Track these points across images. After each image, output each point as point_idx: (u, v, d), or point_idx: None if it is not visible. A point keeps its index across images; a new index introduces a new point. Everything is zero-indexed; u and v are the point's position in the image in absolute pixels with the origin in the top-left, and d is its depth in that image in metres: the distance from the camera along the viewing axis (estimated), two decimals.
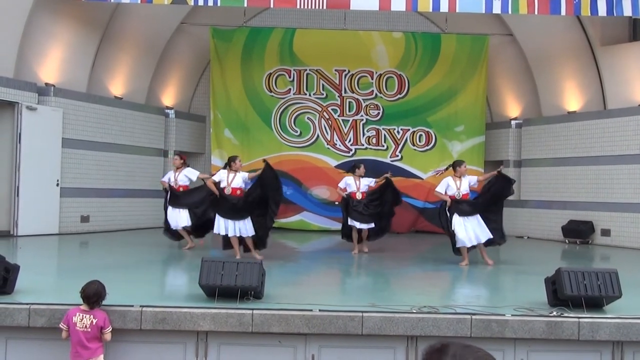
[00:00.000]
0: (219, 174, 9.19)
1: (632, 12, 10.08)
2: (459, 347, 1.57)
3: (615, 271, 5.64)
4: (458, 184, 9.01)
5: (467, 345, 1.58)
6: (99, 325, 5.05)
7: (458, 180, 9.06)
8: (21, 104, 11.37)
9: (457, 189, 8.98)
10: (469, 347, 1.57)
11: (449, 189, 9.05)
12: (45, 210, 11.74)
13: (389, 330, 5.27)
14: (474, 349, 1.56)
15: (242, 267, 5.57)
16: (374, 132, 14.82)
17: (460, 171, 9.09)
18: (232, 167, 9.02)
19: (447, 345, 1.58)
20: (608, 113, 12.79)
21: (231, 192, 8.90)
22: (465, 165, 9.24)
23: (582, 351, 5.39)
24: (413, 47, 14.75)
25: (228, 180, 8.95)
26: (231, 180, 8.93)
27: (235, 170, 9.01)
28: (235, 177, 8.97)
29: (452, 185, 9.04)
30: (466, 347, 1.57)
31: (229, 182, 8.93)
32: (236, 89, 14.78)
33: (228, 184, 8.92)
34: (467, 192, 9.09)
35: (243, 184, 9.01)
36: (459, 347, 1.57)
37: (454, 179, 9.09)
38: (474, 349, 1.57)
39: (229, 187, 8.91)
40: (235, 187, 8.93)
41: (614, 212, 12.44)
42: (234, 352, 5.38)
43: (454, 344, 1.58)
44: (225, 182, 8.96)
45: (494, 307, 5.67)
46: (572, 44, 13.48)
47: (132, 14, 13.41)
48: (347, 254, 10.25)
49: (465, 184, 9.05)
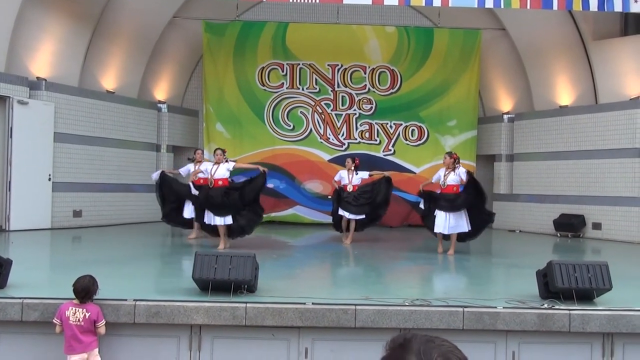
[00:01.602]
0: (203, 165, 9.31)
1: (622, 7, 10.13)
2: (423, 342, 1.48)
3: (605, 264, 5.70)
4: (446, 173, 9.35)
5: (431, 339, 1.50)
6: (92, 319, 5.05)
7: (448, 170, 9.36)
8: (12, 98, 11.30)
9: (444, 179, 9.33)
10: (432, 340, 1.49)
11: (435, 178, 9.54)
12: (37, 204, 11.70)
13: (381, 323, 5.30)
14: (437, 342, 1.49)
15: (235, 260, 5.58)
16: (366, 126, 14.84)
17: (445, 162, 9.45)
18: (213, 159, 9.27)
19: (409, 339, 1.50)
20: (600, 107, 12.86)
21: (214, 183, 9.02)
22: (449, 157, 9.44)
23: (573, 343, 5.44)
24: (406, 42, 14.76)
25: (212, 171, 9.01)
26: (214, 172, 9.00)
27: (217, 162, 9.19)
28: (220, 168, 9.04)
29: (440, 174, 9.44)
30: (430, 341, 1.49)
31: (212, 174, 8.97)
32: (229, 82, 14.75)
33: (211, 175, 8.96)
34: (454, 184, 9.27)
35: (227, 173, 9.15)
36: (422, 342, 1.48)
37: (447, 169, 9.43)
38: (438, 342, 1.49)
39: (212, 178, 8.97)
40: (218, 178, 9.07)
41: (605, 206, 12.53)
42: (227, 345, 5.39)
43: (417, 338, 1.50)
44: (208, 173, 9.03)
45: (485, 300, 5.71)
46: (564, 38, 13.53)
47: (124, 8, 13.34)
48: (340, 248, 10.28)
49: (453, 176, 9.29)
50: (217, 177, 9.05)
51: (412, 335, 1.52)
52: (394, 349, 1.50)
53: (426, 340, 1.49)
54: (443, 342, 1.49)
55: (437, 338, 1.51)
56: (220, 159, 9.36)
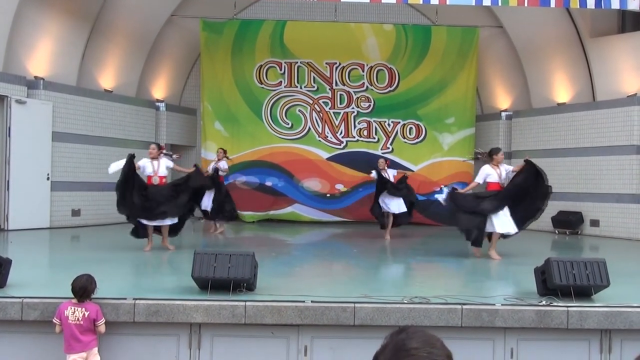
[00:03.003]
0: (142, 161, 8.97)
1: (619, 4, 10.15)
2: (393, 352, 1.42)
3: (603, 261, 5.72)
4: (498, 172, 8.70)
5: (401, 349, 1.42)
6: (91, 317, 5.07)
7: (497, 168, 8.73)
8: (10, 97, 11.30)
9: (499, 177, 8.68)
10: (401, 350, 1.42)
11: (490, 177, 8.75)
12: (36, 204, 11.70)
13: (380, 321, 5.32)
14: (406, 353, 1.42)
15: (234, 259, 5.60)
16: (365, 124, 14.85)
17: (497, 159, 8.73)
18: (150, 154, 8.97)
19: (382, 348, 1.45)
20: (597, 104, 12.88)
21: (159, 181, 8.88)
22: (502, 153, 8.85)
23: (571, 339, 5.46)
24: (403, 40, 14.77)
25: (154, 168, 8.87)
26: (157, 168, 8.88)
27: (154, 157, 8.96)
28: (160, 164, 8.91)
29: (493, 173, 8.72)
30: (400, 350, 1.42)
31: (155, 171, 8.86)
32: (227, 81, 14.75)
33: (155, 172, 8.85)
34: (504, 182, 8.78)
35: (167, 171, 9.04)
36: (392, 352, 1.42)
37: (493, 167, 8.75)
38: (413, 351, 1.41)
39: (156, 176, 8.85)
40: (162, 175, 8.96)
41: (603, 203, 12.56)
42: (227, 343, 5.41)
43: (388, 347, 1.44)
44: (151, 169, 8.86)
45: (484, 297, 5.73)
46: (562, 36, 13.55)
47: (121, 6, 13.34)
48: (338, 246, 10.30)
49: (503, 172, 8.74)
50: (162, 175, 8.90)
51: (386, 343, 1.47)
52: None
53: (397, 350, 1.43)
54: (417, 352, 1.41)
55: (409, 348, 1.43)
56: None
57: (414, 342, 1.44)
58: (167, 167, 9.08)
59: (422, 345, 1.43)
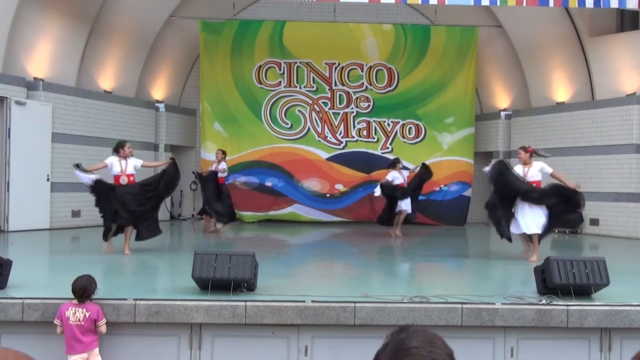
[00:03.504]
0: (109, 159, 8.75)
1: (618, 3, 10.16)
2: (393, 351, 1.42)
3: (603, 260, 5.73)
4: (525, 171, 8.61)
5: (401, 348, 1.42)
6: (92, 318, 5.07)
7: (525, 167, 8.64)
8: (10, 98, 11.30)
9: (524, 176, 8.59)
10: (401, 349, 1.42)
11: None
12: (36, 205, 11.70)
13: (380, 320, 5.33)
14: (406, 352, 1.41)
15: (235, 259, 5.60)
16: (364, 124, 14.86)
17: (521, 158, 8.68)
18: (122, 153, 8.69)
19: (382, 349, 1.44)
20: (596, 103, 12.90)
21: (127, 180, 8.61)
22: (524, 152, 8.70)
23: (571, 338, 5.47)
24: (403, 39, 14.78)
25: (122, 167, 8.63)
26: (125, 167, 8.64)
27: (124, 156, 8.71)
28: (128, 163, 8.67)
29: (519, 172, 8.66)
30: (400, 350, 1.41)
31: (123, 170, 8.63)
32: (226, 81, 14.75)
33: (123, 171, 8.62)
34: (536, 180, 8.61)
35: (134, 171, 8.74)
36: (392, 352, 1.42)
37: (522, 166, 8.68)
38: (414, 350, 1.41)
39: (124, 175, 8.62)
40: (130, 174, 8.68)
41: (603, 202, 12.56)
42: (227, 343, 5.42)
43: (388, 347, 1.43)
44: (118, 168, 8.63)
45: (484, 296, 5.74)
46: (561, 35, 13.57)
47: (120, 7, 13.34)
48: (338, 246, 10.31)
49: (533, 171, 8.60)
50: (130, 173, 8.72)
51: (387, 342, 1.47)
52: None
53: (397, 349, 1.43)
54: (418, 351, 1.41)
55: (413, 347, 1.43)
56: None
57: (414, 341, 1.44)
58: (136, 166, 8.75)
59: (422, 344, 1.43)
